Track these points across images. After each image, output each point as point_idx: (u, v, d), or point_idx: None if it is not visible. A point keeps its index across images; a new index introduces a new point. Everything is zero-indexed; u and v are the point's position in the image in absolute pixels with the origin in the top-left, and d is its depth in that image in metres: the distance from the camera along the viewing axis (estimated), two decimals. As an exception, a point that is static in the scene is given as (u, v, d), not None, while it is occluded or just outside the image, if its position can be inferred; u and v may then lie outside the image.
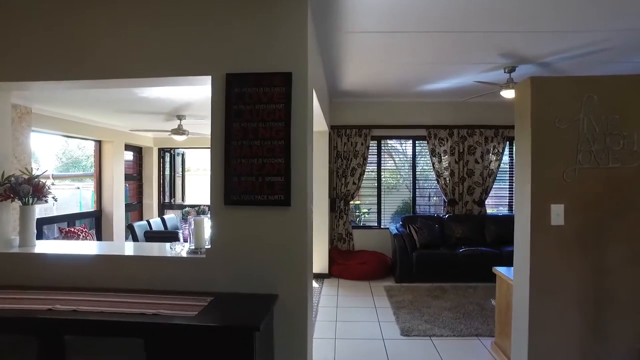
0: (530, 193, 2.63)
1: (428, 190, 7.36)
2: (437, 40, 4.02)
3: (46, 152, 8.70)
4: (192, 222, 2.91)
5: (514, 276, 2.92)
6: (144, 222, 6.09)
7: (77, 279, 2.67)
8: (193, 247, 2.84)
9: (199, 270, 2.70)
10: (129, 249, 3.14)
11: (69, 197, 11.47)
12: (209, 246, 2.73)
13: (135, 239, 5.56)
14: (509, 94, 4.96)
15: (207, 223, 2.85)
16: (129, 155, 8.51)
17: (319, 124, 5.53)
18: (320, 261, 6.24)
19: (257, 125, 2.63)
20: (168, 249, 2.92)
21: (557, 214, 2.61)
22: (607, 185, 2.58)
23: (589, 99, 2.55)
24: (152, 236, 5.13)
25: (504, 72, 4.98)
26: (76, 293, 2.51)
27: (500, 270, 3.49)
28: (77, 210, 8.62)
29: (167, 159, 9.07)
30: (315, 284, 5.87)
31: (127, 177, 8.27)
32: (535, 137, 2.62)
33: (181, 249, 2.89)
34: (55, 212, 8.30)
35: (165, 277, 2.69)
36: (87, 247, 3.27)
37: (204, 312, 2.27)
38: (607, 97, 2.55)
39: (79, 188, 10.71)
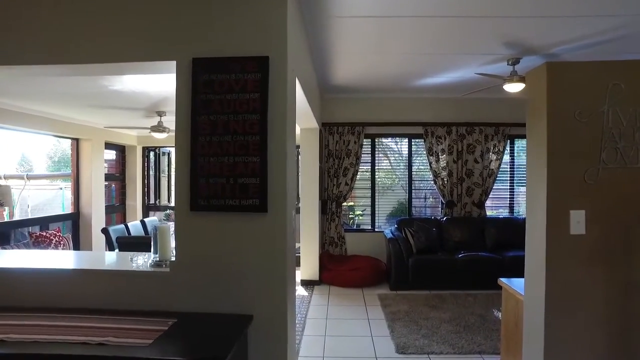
0: (545, 197, 2.27)
1: (424, 191, 7.00)
2: (436, 26, 3.66)
3: (37, 152, 8.29)
4: (156, 229, 2.53)
5: (525, 291, 2.56)
6: (120, 226, 5.67)
7: (14, 296, 2.28)
8: (157, 259, 2.47)
9: (161, 286, 2.34)
10: (82, 260, 2.74)
11: (52, 199, 11.05)
12: (174, 259, 2.35)
13: (110, 245, 5.16)
14: (512, 88, 4.61)
15: (174, 230, 2.47)
16: (111, 155, 8.11)
17: (308, 120, 5.15)
18: (309, 267, 5.86)
19: (227, 118, 2.26)
20: (129, 261, 2.53)
21: (578, 221, 2.24)
22: (635, 187, 2.22)
23: (615, 87, 2.19)
24: (125, 242, 4.72)
25: (507, 65, 4.62)
26: (9, 315, 2.11)
27: (507, 282, 3.13)
28: (60, 213, 8.21)
29: (152, 158, 8.66)
30: (304, 292, 5.49)
31: (109, 177, 7.86)
32: (552, 132, 2.26)
33: (143, 261, 2.50)
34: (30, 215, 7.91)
35: (123, 295, 2.33)
36: (34, 258, 2.86)
37: (161, 339, 1.89)
38: (637, 85, 2.19)
39: (62, 189, 10.28)
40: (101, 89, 4.18)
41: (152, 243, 2.54)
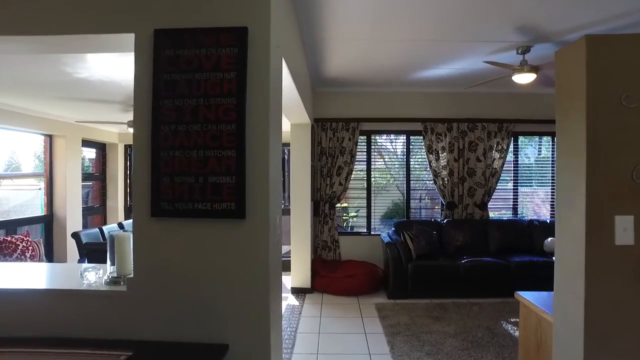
0: (584, 200, 1.86)
1: (424, 192, 6.60)
2: (439, 8, 3.26)
3: (25, 151, 7.78)
4: (112, 237, 2.09)
5: (555, 311, 2.15)
6: (94, 230, 5.20)
7: None
8: (113, 275, 2.04)
9: (116, 308, 1.92)
10: (18, 275, 2.27)
11: (31, 200, 10.51)
12: (132, 275, 1.92)
13: (81, 251, 4.69)
14: (522, 78, 4.23)
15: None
16: (91, 153, 7.63)
17: (299, 114, 4.73)
18: (301, 274, 5.43)
19: (197, 103, 1.85)
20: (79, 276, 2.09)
21: (624, 228, 1.84)
22: (696, 188, 1.82)
23: (673, 65, 1.79)
24: (95, 249, 4.26)
25: (517, 54, 4.24)
26: None
27: (527, 297, 2.72)
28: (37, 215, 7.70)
29: (135, 157, 8.17)
30: (294, 301, 5.07)
31: (88, 177, 7.38)
32: (593, 121, 1.85)
33: (97, 277, 2.07)
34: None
35: (67, 321, 1.91)
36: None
37: (106, 383, 1.46)
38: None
39: (41, 189, 9.76)
40: (66, 78, 3.72)
41: (107, 254, 2.10)
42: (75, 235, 4.77)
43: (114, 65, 3.48)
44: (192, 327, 1.84)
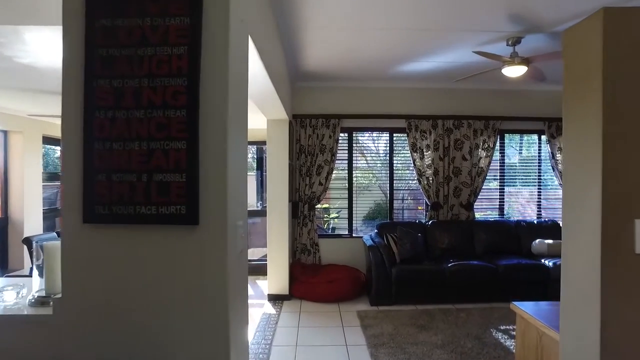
0: (599, 201, 1.59)
1: (407, 192, 6.33)
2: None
3: None
4: (40, 248, 1.74)
5: (562, 330, 1.87)
6: (50, 235, 4.74)
7: None
8: (40, 294, 1.69)
9: (40, 336, 1.56)
10: None
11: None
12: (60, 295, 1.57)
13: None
14: (512, 71, 3.99)
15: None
16: (58, 151, 7.15)
17: (276, 109, 4.40)
18: (278, 280, 5.10)
19: (139, 84, 1.52)
20: (-1, 296, 1.72)
21: (648, 235, 1.57)
22: None
23: None
24: (45, 256, 3.82)
25: (507, 45, 4.00)
26: None
27: (525, 309, 2.45)
28: None
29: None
30: (271, 310, 4.73)
31: (55, 177, 6.90)
32: (610, 107, 1.58)
33: (18, 297, 1.71)
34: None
35: (-23, 353, 1.54)
36: None
37: None
38: None
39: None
40: (8, 64, 3.30)
41: (34, 268, 1.75)
42: (27, 241, 4.32)
43: (61, 50, 3.09)
44: (133, 358, 1.50)
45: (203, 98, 1.50)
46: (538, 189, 6.19)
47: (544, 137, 5.98)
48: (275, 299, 5.06)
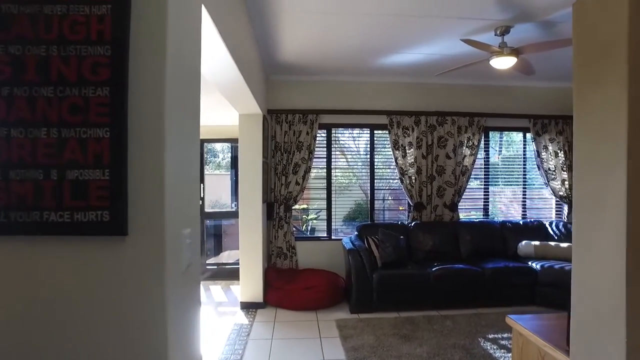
0: (623, 205, 1.31)
1: (388, 192, 6.06)
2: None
3: None
4: None
5: (573, 354, 1.59)
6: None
7: None
8: None
9: None
10: None
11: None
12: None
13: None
14: (501, 62, 3.73)
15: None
16: None
17: (247, 102, 4.05)
18: (251, 286, 4.74)
19: (47, 52, 1.17)
20: None
21: (685, 244, 1.30)
22: None
23: None
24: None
25: (495, 35, 3.74)
26: None
27: (524, 324, 2.17)
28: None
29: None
30: (243, 319, 4.37)
31: None
32: (637, 91, 1.30)
33: None
34: None
35: None
36: None
37: None
38: None
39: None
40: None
41: None
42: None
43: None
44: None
45: (133, 73, 1.17)
46: (523, 188, 6.00)
47: (529, 135, 5.79)
48: (248, 307, 4.70)
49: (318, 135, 5.40)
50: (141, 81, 1.17)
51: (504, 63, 3.71)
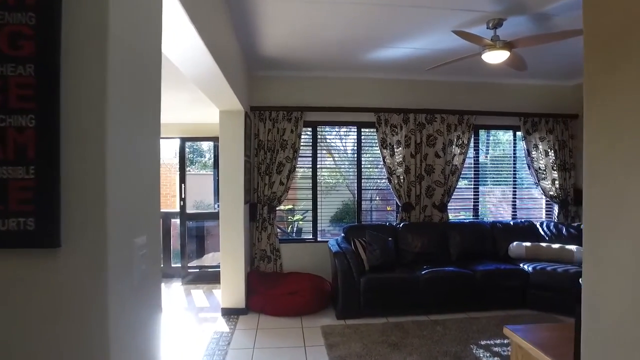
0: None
1: (375, 192, 5.89)
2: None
3: None
4: None
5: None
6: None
7: None
8: None
9: None
10: None
11: None
12: None
13: None
14: (493, 57, 3.57)
15: None
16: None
17: (227, 98, 3.84)
18: (233, 292, 4.52)
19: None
20: None
21: None
22: None
23: None
24: None
25: (487, 28, 3.58)
26: None
27: (524, 337, 1.99)
28: None
29: None
30: (224, 327, 4.15)
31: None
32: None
33: None
34: None
35: None
36: None
37: None
38: None
39: None
40: None
41: None
42: None
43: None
44: None
45: (67, 48, 0.95)
46: (513, 188, 5.87)
47: (519, 134, 5.66)
48: (229, 313, 4.48)
49: (303, 133, 5.20)
50: (78, 59, 0.96)
51: (496, 57, 3.55)
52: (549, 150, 5.50)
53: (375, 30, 3.82)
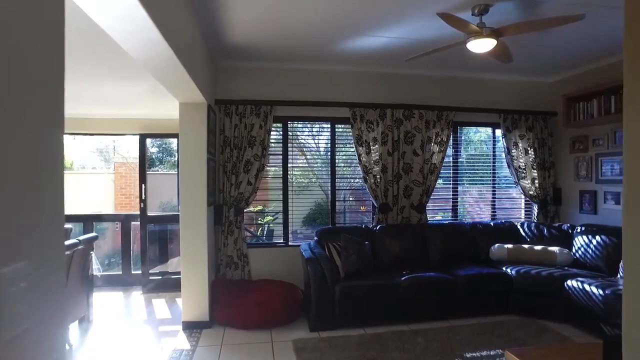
0: None
1: (349, 192, 5.56)
2: None
3: None
4: None
5: None
6: None
7: None
8: None
9: None
10: None
11: None
12: None
13: None
14: (479, 45, 3.29)
15: None
16: None
17: (187, 88, 3.42)
18: (195, 303, 4.09)
19: None
20: None
21: None
22: None
23: None
24: None
25: (473, 15, 3.30)
26: None
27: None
28: None
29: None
30: (185, 344, 3.73)
31: None
32: None
33: None
34: None
35: None
36: None
37: None
38: None
39: None
40: None
41: None
42: None
43: None
44: None
45: None
46: (492, 187, 5.66)
47: (498, 132, 5.45)
48: (192, 327, 4.05)
49: (273, 129, 4.82)
50: None
51: (482, 46, 3.27)
52: (529, 148, 5.31)
53: (352, 16, 3.48)
